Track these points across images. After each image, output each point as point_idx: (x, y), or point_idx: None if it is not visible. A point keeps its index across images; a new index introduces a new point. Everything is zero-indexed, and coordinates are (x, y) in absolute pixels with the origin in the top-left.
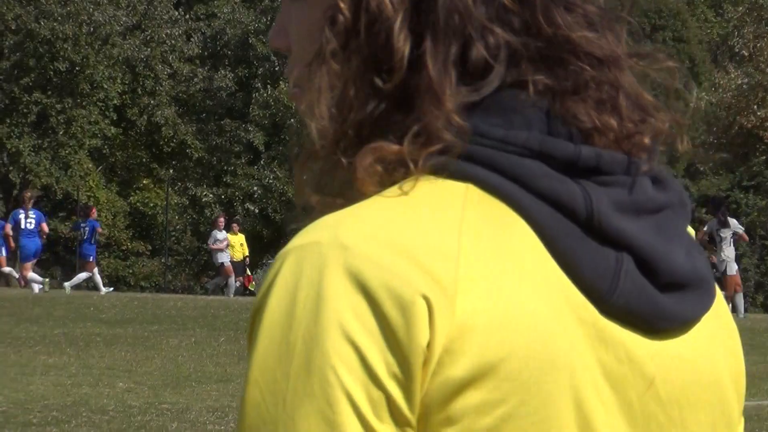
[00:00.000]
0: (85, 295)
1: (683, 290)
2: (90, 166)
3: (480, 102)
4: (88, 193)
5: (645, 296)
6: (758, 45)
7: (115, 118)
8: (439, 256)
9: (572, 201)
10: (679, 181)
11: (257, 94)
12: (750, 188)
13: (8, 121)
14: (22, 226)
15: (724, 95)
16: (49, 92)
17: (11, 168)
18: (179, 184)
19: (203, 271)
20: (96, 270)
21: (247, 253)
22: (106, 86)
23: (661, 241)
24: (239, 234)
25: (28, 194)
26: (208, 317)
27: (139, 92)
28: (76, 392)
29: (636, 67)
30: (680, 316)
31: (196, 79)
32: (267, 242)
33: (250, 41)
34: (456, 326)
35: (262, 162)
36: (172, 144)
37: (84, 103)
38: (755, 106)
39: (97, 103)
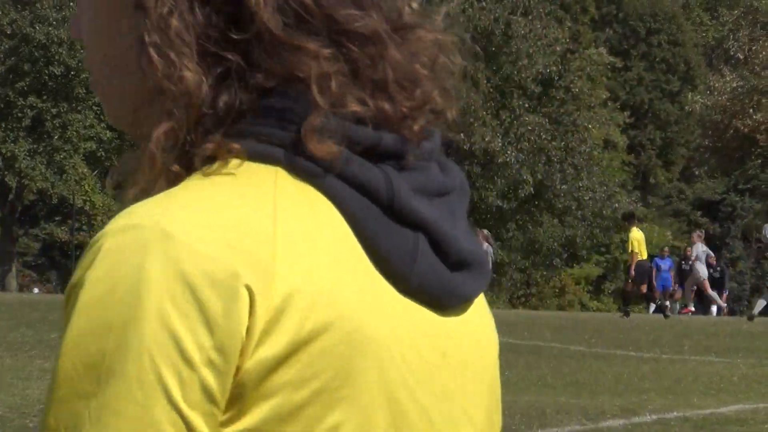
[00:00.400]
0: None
1: (468, 269)
2: (85, 170)
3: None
4: (84, 198)
5: (438, 275)
6: (753, 48)
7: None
8: (257, 240)
9: (375, 185)
10: (674, 185)
11: None
12: (746, 191)
13: (3, 125)
14: None
15: (720, 98)
16: (45, 96)
17: (6, 172)
18: None
19: None
20: None
21: None
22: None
23: (450, 223)
24: None
25: None
26: None
27: None
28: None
29: (404, 44)
30: (466, 293)
31: None
32: None
33: None
34: (273, 308)
35: None
36: None
37: (79, 108)
38: (750, 110)
39: (93, 107)
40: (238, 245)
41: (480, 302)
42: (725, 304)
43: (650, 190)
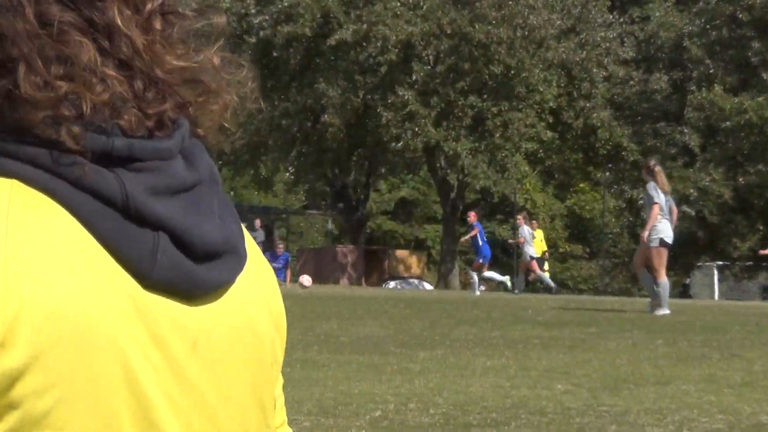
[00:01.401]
0: (522, 298)
1: (217, 259)
2: (526, 168)
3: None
4: (525, 196)
5: (181, 269)
6: None
7: (550, 121)
8: None
9: (108, 189)
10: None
11: (692, 96)
12: None
13: (445, 124)
14: None
15: None
16: (485, 95)
17: (449, 171)
18: (615, 186)
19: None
20: (478, 271)
21: (545, 249)
22: (541, 89)
23: (193, 218)
24: (538, 230)
25: None
26: (645, 319)
27: (575, 95)
28: (515, 394)
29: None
30: (214, 282)
31: (631, 82)
32: (701, 244)
33: (684, 44)
34: (9, 320)
35: (697, 164)
36: (607, 147)
37: (520, 107)
38: None
39: (533, 106)
40: None
41: (248, 287)
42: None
43: None
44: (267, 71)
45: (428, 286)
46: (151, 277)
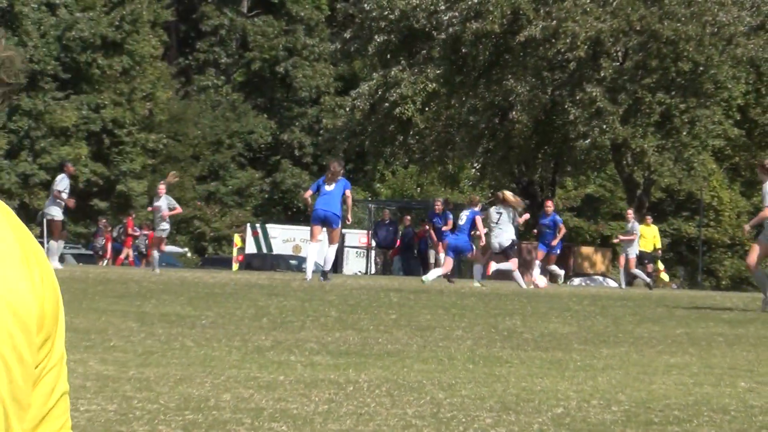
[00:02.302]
0: (707, 296)
1: None
2: (713, 166)
3: None
4: (712, 193)
5: None
6: None
7: (738, 119)
8: None
9: None
10: None
11: None
12: None
13: (632, 121)
14: None
15: None
16: (673, 92)
17: (635, 168)
18: None
19: None
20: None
21: (658, 245)
22: (729, 86)
23: None
24: (652, 226)
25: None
26: None
27: (763, 92)
28: (698, 392)
29: None
30: None
31: None
32: None
33: None
34: None
35: None
36: None
37: (707, 104)
38: None
39: (721, 103)
40: None
41: None
42: None
43: None
44: (455, 67)
45: (612, 284)
46: None
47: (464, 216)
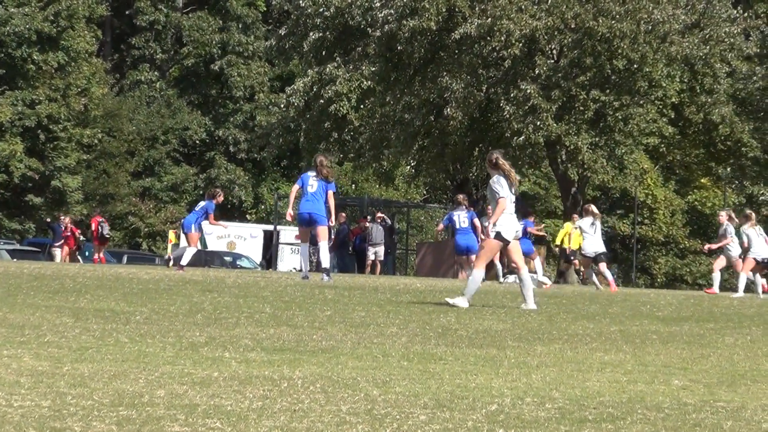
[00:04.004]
0: (640, 293)
1: None
2: (646, 166)
3: None
4: (646, 191)
5: None
6: None
7: (672, 117)
8: None
9: None
10: None
11: None
12: None
13: (566, 118)
14: None
15: None
16: (607, 90)
17: (569, 165)
18: (736, 182)
19: None
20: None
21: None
22: (664, 84)
23: None
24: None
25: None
26: (764, 315)
27: (698, 90)
28: (632, 389)
29: None
30: None
31: (754, 78)
32: None
33: None
34: None
35: None
36: (728, 143)
37: (641, 102)
38: None
39: (655, 101)
40: None
41: None
42: None
43: None
44: (390, 65)
45: (547, 281)
46: None
47: (464, 217)
